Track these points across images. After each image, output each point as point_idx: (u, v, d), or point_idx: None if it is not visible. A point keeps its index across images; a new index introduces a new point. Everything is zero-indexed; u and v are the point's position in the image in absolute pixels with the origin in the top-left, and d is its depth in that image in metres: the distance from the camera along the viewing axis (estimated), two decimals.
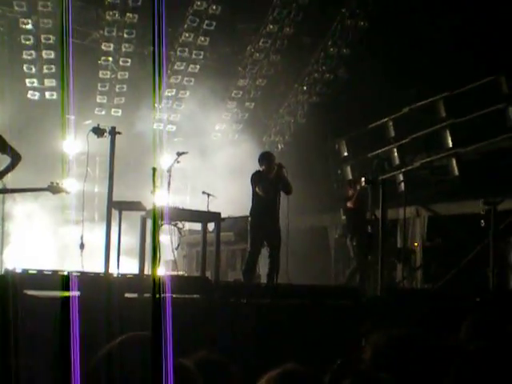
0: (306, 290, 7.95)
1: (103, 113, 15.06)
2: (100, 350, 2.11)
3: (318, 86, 15.76)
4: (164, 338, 1.99)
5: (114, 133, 7.90)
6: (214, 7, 13.97)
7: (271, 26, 14.69)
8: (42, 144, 14.21)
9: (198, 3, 13.92)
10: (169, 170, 10.09)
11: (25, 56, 13.74)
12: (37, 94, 14.37)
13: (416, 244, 13.13)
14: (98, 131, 7.91)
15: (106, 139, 7.93)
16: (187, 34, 14.42)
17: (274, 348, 5.84)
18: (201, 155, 13.72)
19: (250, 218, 9.94)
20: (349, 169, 15.37)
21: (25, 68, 13.90)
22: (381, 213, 8.75)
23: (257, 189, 9.71)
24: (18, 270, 6.47)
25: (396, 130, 14.17)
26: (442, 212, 13.09)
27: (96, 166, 14.23)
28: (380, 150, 14.23)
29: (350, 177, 15.04)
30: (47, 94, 14.42)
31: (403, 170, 13.29)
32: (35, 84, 14.22)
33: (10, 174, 8.19)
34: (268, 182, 9.70)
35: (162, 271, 11.28)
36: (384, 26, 14.05)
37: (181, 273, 11.44)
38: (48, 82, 14.23)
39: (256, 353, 5.61)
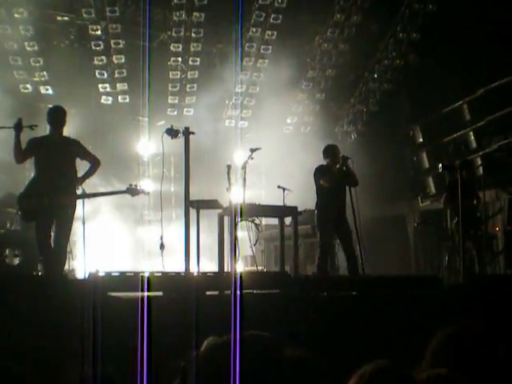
0: (387, 281, 7.86)
1: (175, 113, 15.22)
2: (184, 349, 2.13)
3: (389, 73, 15.50)
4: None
5: (187, 133, 7.96)
6: (280, 0, 13.91)
7: (338, 15, 14.53)
8: (118, 147, 14.49)
9: None
10: (243, 167, 10.11)
11: (96, 62, 13.98)
12: (110, 98, 14.63)
13: (497, 228, 12.79)
14: (171, 132, 7.98)
15: (180, 139, 8.00)
16: (254, 29, 14.40)
17: (356, 341, 5.79)
18: (274, 150, 13.69)
19: (316, 212, 9.90)
20: (425, 155, 15.09)
21: (97, 74, 14.16)
22: (459, 198, 8.56)
23: (321, 181, 9.64)
24: (102, 273, 6.62)
25: (471, 112, 13.84)
26: None
27: (171, 166, 14.39)
28: (456, 135, 13.92)
29: (427, 164, 14.75)
30: (120, 98, 14.67)
31: (480, 153, 12.97)
32: (108, 89, 14.47)
33: (88, 179, 8.36)
34: (332, 174, 9.62)
35: (240, 267, 11.34)
36: (453, 8, 13.70)
37: (260, 268, 11.46)
38: (120, 86, 14.46)
39: (339, 346, 5.57)
